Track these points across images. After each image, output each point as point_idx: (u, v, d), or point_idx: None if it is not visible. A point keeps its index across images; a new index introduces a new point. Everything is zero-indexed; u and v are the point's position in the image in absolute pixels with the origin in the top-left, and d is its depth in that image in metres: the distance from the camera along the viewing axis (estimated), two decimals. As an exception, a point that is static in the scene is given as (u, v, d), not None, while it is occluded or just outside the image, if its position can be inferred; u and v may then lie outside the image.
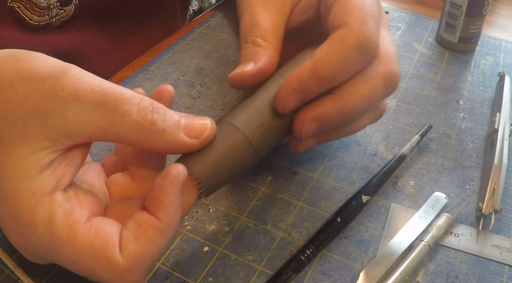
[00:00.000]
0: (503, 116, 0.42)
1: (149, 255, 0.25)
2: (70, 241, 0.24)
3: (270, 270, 0.31)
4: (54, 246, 0.24)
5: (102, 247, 0.24)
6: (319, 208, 0.35)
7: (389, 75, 0.32)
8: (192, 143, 0.27)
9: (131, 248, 0.25)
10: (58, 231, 0.24)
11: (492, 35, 0.58)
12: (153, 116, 0.25)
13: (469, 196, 0.37)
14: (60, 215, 0.24)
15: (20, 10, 0.43)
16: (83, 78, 0.25)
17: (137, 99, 0.25)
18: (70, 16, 0.47)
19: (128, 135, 0.25)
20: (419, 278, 0.31)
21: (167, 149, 0.27)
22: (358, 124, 0.35)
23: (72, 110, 0.24)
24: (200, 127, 0.27)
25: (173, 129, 0.26)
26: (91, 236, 0.25)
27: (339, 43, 0.30)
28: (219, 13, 0.60)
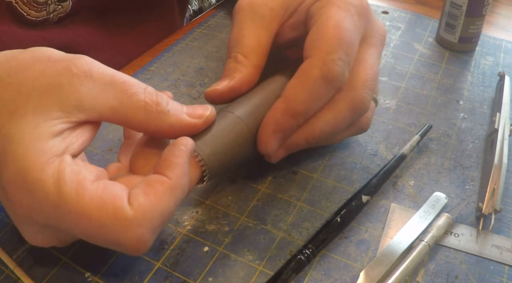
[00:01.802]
0: (503, 116, 0.42)
1: (158, 211, 0.25)
2: (78, 196, 0.24)
3: (270, 270, 0.31)
4: (61, 202, 0.24)
5: (110, 199, 0.25)
6: (319, 208, 0.35)
7: (356, 102, 0.33)
8: (196, 122, 0.29)
9: (141, 201, 0.25)
10: (66, 187, 0.24)
11: (492, 35, 0.58)
12: (158, 98, 0.28)
13: (469, 196, 0.37)
14: (69, 172, 0.25)
15: (18, 5, 0.43)
16: (95, 62, 0.27)
17: (143, 85, 0.28)
18: (67, 11, 0.47)
19: (136, 114, 0.27)
20: (419, 278, 0.31)
21: (172, 129, 0.28)
22: (333, 139, 0.37)
23: (85, 85, 0.26)
24: (201, 110, 0.30)
25: (177, 111, 0.29)
26: (99, 191, 0.25)
27: (305, 78, 0.32)
28: (219, 13, 0.60)
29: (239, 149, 0.32)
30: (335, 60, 0.31)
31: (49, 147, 0.25)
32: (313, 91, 0.31)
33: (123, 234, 0.25)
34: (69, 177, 0.25)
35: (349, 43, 0.32)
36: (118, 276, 0.30)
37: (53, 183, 0.24)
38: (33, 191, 0.24)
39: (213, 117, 0.30)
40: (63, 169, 0.25)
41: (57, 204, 0.24)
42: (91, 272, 0.30)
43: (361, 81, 0.33)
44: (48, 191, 0.24)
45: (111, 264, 0.31)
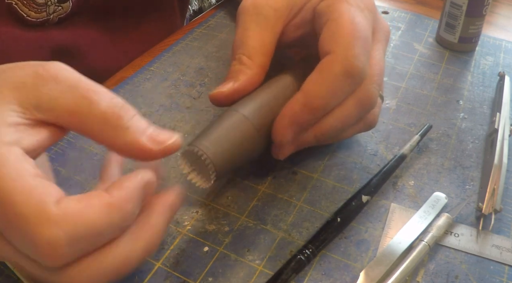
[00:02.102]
0: (503, 116, 0.42)
1: (83, 221, 0.23)
2: (12, 180, 0.23)
3: (270, 270, 0.31)
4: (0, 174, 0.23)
5: (39, 193, 0.23)
6: (319, 208, 0.35)
7: (364, 98, 0.33)
8: (152, 148, 0.26)
9: (69, 204, 0.23)
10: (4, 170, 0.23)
11: (492, 35, 0.58)
12: (121, 112, 0.26)
13: (469, 196, 0.37)
14: (12, 159, 0.23)
15: (17, 6, 0.43)
16: (65, 68, 0.26)
17: (111, 95, 0.26)
18: (67, 12, 0.47)
19: (93, 123, 0.26)
20: (419, 278, 0.31)
21: (126, 149, 0.26)
22: (340, 136, 0.37)
23: (47, 86, 0.25)
24: (164, 136, 0.27)
25: (137, 130, 0.26)
26: (32, 183, 0.23)
27: (326, 73, 0.31)
28: (219, 13, 0.60)
29: (245, 148, 0.32)
30: (357, 56, 0.31)
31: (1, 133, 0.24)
32: (334, 86, 0.31)
33: (39, 228, 0.22)
34: (10, 163, 0.23)
35: (366, 38, 0.32)
36: (118, 276, 0.30)
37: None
38: None
39: (176, 147, 0.27)
40: (7, 154, 0.23)
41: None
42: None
43: (369, 77, 0.33)
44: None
45: (111, 264, 0.31)
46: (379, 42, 0.36)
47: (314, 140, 0.34)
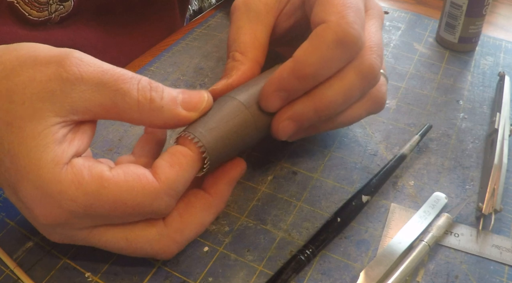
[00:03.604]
0: (503, 116, 0.42)
1: (182, 181, 0.27)
2: (104, 189, 0.25)
3: (270, 270, 0.31)
4: (91, 201, 0.25)
5: (135, 179, 0.26)
6: (319, 208, 0.35)
7: (365, 68, 0.32)
8: (191, 116, 0.29)
9: (167, 173, 0.27)
10: (90, 187, 0.25)
11: (492, 35, 0.58)
12: (152, 94, 0.27)
13: (469, 196, 0.37)
14: (86, 172, 0.25)
15: (19, 5, 0.43)
16: (84, 60, 0.26)
17: (136, 79, 0.27)
18: (69, 12, 0.47)
19: (130, 113, 0.27)
20: (419, 278, 0.31)
21: (167, 125, 0.28)
22: (349, 116, 0.35)
23: (77, 89, 0.26)
24: (197, 100, 0.29)
25: (171, 105, 0.28)
26: (121, 176, 0.26)
27: (318, 40, 0.30)
28: (219, 13, 0.60)
29: (241, 135, 0.31)
30: (350, 23, 0.30)
31: (59, 156, 0.25)
32: (325, 54, 0.30)
33: (156, 204, 0.26)
34: (88, 177, 0.25)
35: (358, 8, 0.31)
36: (118, 276, 0.30)
37: (76, 189, 0.25)
38: (60, 202, 0.25)
39: (210, 106, 0.30)
40: (79, 172, 0.25)
41: (88, 205, 0.25)
42: (91, 272, 0.30)
43: (367, 48, 0.32)
44: (74, 198, 0.25)
45: (111, 264, 0.31)
46: (373, 18, 0.35)
47: (315, 116, 0.32)
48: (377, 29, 0.34)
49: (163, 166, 0.27)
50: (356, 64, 0.32)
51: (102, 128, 0.41)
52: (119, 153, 0.39)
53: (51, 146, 0.25)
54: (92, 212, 0.26)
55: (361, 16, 0.31)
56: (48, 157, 0.25)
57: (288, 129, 0.32)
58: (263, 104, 0.32)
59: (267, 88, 0.31)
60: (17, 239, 0.32)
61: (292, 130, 0.32)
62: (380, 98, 0.35)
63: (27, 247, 0.32)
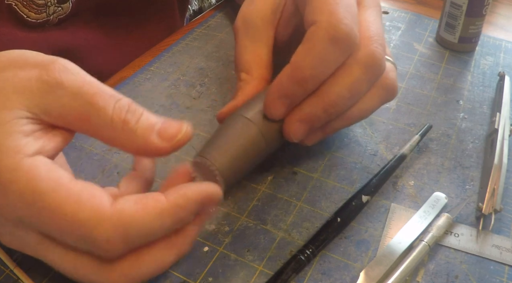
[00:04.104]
0: (503, 116, 0.42)
1: (139, 224, 0.24)
2: (54, 192, 0.24)
3: (270, 270, 0.31)
4: (36, 199, 0.24)
5: (89, 197, 0.24)
6: (319, 208, 0.35)
7: (368, 58, 0.31)
8: (164, 146, 0.27)
9: (126, 206, 0.24)
10: (42, 184, 0.24)
11: (492, 35, 0.58)
12: (127, 116, 0.26)
13: (469, 196, 0.37)
14: (44, 170, 0.24)
15: (17, 7, 0.43)
16: (69, 68, 0.26)
17: (115, 98, 0.26)
18: (67, 13, 0.47)
19: (102, 130, 0.26)
20: (419, 278, 0.31)
21: (138, 151, 0.27)
22: (362, 109, 0.34)
23: (54, 93, 0.25)
24: (174, 130, 0.27)
25: (146, 131, 0.26)
26: (77, 188, 0.24)
27: (311, 42, 0.30)
28: (219, 13, 0.60)
29: (252, 153, 0.31)
30: (340, 19, 0.30)
31: (22, 146, 0.24)
32: (320, 55, 0.30)
33: (97, 232, 0.24)
34: (44, 175, 0.24)
35: (348, 3, 0.31)
36: (118, 276, 0.30)
37: (27, 181, 0.24)
38: (6, 192, 0.24)
39: (187, 139, 0.27)
40: (38, 167, 0.24)
41: (31, 202, 0.24)
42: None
43: (366, 38, 0.32)
44: (22, 191, 0.24)
45: (111, 264, 0.31)
46: (369, 8, 0.34)
47: (325, 114, 0.32)
48: (375, 17, 0.34)
49: (127, 199, 0.25)
50: (358, 56, 0.31)
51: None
52: (119, 153, 0.39)
53: (15, 135, 0.24)
54: (34, 213, 0.24)
55: (351, 11, 0.31)
56: (10, 144, 0.24)
57: (299, 131, 0.32)
58: (268, 113, 0.32)
59: (269, 97, 0.31)
60: (17, 239, 0.32)
61: (303, 131, 0.32)
62: (391, 84, 0.34)
63: (27, 247, 0.32)
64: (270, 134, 0.32)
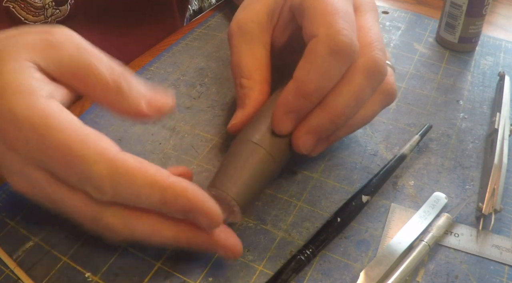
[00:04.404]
0: (503, 116, 0.42)
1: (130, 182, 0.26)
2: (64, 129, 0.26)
3: (270, 270, 0.31)
4: (47, 131, 0.26)
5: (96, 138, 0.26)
6: (319, 208, 0.35)
7: (369, 66, 0.32)
8: (148, 114, 0.30)
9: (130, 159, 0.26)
10: (54, 120, 0.26)
11: (492, 35, 0.58)
12: (122, 83, 0.29)
13: (469, 196, 0.37)
14: (58, 110, 0.27)
15: (15, 10, 0.43)
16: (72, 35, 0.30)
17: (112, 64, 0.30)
18: (65, 16, 0.47)
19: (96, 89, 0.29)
20: (419, 278, 0.31)
21: (126, 112, 0.29)
22: (364, 116, 0.35)
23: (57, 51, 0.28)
24: (161, 103, 0.30)
25: (136, 98, 0.29)
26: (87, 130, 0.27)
27: (313, 56, 0.31)
28: (219, 13, 0.60)
29: (264, 176, 0.32)
30: (339, 30, 0.30)
31: (35, 88, 0.27)
32: (323, 68, 0.30)
33: (94, 166, 0.26)
34: (57, 114, 0.26)
35: (345, 12, 0.31)
36: (118, 276, 0.30)
37: (40, 117, 0.26)
38: (21, 126, 0.26)
39: (169, 112, 0.31)
40: (52, 107, 0.27)
41: (43, 135, 0.26)
42: (91, 272, 0.30)
43: (366, 45, 0.32)
44: (36, 125, 0.26)
45: (111, 264, 0.31)
46: (366, 13, 0.34)
47: (332, 125, 0.32)
48: (373, 22, 0.34)
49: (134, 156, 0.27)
50: (360, 64, 0.32)
51: (102, 128, 0.41)
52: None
53: (28, 78, 0.27)
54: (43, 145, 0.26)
55: (349, 19, 0.31)
56: (25, 85, 0.27)
57: (308, 143, 0.33)
58: (276, 129, 0.32)
59: (277, 114, 0.32)
60: (17, 239, 0.32)
61: (312, 143, 0.33)
62: (390, 89, 0.35)
63: (27, 247, 0.32)
64: (279, 153, 0.33)
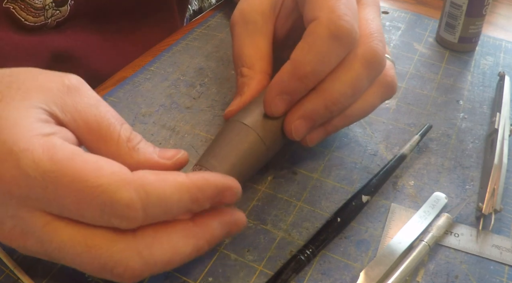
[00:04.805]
0: (503, 116, 0.42)
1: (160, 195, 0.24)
2: (72, 160, 0.24)
3: (270, 270, 0.31)
4: (55, 167, 0.23)
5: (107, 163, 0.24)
6: (319, 208, 0.35)
7: (368, 55, 0.31)
8: (165, 163, 0.28)
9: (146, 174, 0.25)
10: (60, 153, 0.24)
11: (492, 35, 0.58)
12: (131, 136, 0.28)
13: (469, 196, 0.37)
14: (60, 142, 0.25)
15: (15, 11, 0.43)
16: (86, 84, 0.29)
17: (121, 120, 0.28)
18: (66, 16, 0.47)
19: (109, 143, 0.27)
20: (419, 278, 0.31)
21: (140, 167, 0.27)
22: (363, 107, 0.34)
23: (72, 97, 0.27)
24: (172, 152, 0.29)
25: (147, 150, 0.28)
26: (94, 157, 0.25)
27: (312, 38, 0.30)
28: (219, 13, 0.60)
29: (252, 159, 0.31)
30: (341, 15, 0.30)
31: (36, 127, 0.25)
32: (321, 51, 0.30)
33: (118, 194, 0.23)
34: (60, 146, 0.24)
35: (350, 1, 0.31)
36: (118, 276, 0.30)
37: (44, 151, 0.24)
38: (19, 162, 0.23)
39: (184, 161, 0.29)
40: (53, 141, 0.24)
41: (49, 170, 0.23)
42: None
43: (366, 35, 0.32)
44: (38, 159, 0.23)
45: (111, 264, 0.31)
46: (368, 7, 0.34)
47: (326, 111, 0.32)
48: (374, 16, 0.34)
49: (146, 171, 0.25)
50: (359, 52, 0.31)
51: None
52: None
53: (31, 119, 0.25)
54: (49, 182, 0.23)
55: (352, 7, 0.31)
56: (24, 123, 0.25)
57: (300, 128, 0.32)
58: (267, 110, 0.32)
59: (269, 94, 0.31)
60: (17, 239, 0.32)
61: (305, 128, 0.32)
62: (390, 82, 0.35)
63: (27, 247, 0.32)
64: (270, 138, 0.32)
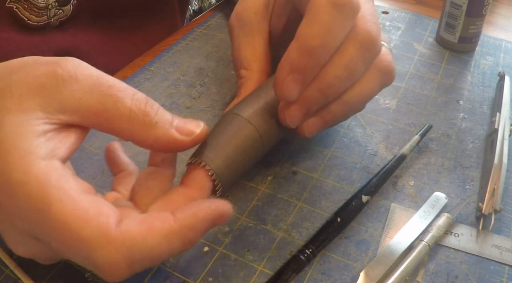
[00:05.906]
0: (503, 116, 0.42)
1: (143, 247, 0.23)
2: (61, 202, 0.23)
3: (270, 270, 0.31)
4: (43, 207, 0.23)
5: (95, 214, 0.23)
6: (319, 208, 0.35)
7: (362, 37, 0.30)
8: (183, 139, 0.27)
9: (131, 227, 0.23)
10: (51, 191, 0.23)
11: (492, 35, 0.58)
12: (147, 107, 0.26)
13: (469, 196, 0.37)
14: (55, 177, 0.23)
15: (18, 10, 0.43)
16: (82, 64, 0.26)
17: (132, 90, 0.26)
18: (68, 16, 0.47)
19: (120, 122, 0.25)
20: (419, 278, 0.31)
21: (157, 143, 0.26)
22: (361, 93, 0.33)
23: (68, 87, 0.25)
24: (192, 126, 0.27)
25: (165, 123, 0.26)
26: (85, 203, 0.23)
27: (314, 11, 0.29)
28: (219, 13, 0.60)
29: (249, 152, 0.30)
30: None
31: (33, 148, 0.23)
32: (326, 22, 0.28)
33: (99, 252, 0.23)
34: (54, 182, 0.23)
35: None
36: (118, 276, 0.30)
37: (37, 185, 0.23)
38: (15, 193, 0.23)
39: (204, 135, 0.28)
40: (49, 173, 0.23)
41: (39, 210, 0.23)
42: (91, 272, 0.30)
43: (360, 18, 0.31)
44: (30, 194, 0.23)
45: (111, 264, 0.31)
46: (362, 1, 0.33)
47: (321, 96, 0.31)
48: (367, 2, 0.33)
49: (132, 219, 0.24)
50: (352, 34, 0.30)
51: (102, 128, 0.41)
52: (119, 153, 0.39)
53: (28, 136, 0.23)
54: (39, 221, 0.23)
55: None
56: (21, 145, 0.23)
57: (295, 114, 0.31)
58: (279, 94, 0.30)
59: (279, 75, 0.30)
60: (17, 239, 0.32)
61: (300, 114, 0.31)
62: (388, 66, 0.34)
63: (27, 247, 0.32)
64: (267, 131, 0.32)
